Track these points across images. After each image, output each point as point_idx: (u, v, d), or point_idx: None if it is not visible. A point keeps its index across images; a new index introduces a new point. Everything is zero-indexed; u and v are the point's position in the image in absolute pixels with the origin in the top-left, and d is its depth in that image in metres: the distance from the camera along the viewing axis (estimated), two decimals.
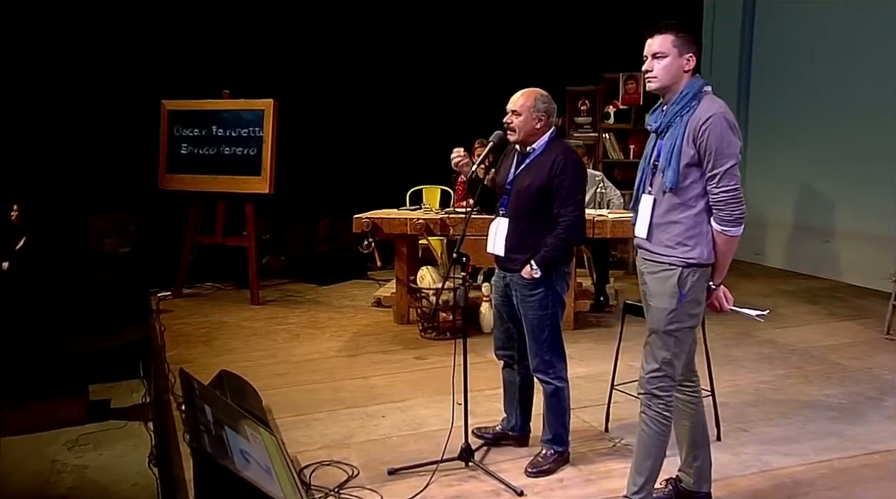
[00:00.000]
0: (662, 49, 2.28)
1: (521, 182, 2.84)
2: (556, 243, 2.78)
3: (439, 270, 5.44)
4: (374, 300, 5.79)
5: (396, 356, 4.48)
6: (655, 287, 2.38)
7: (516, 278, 2.86)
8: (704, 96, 2.29)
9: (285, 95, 5.89)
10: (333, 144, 6.96)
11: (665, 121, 2.33)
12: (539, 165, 2.81)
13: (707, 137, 2.20)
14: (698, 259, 2.31)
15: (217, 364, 4.19)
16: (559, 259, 2.83)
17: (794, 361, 4.31)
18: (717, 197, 2.24)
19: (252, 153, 5.82)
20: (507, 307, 2.98)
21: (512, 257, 2.87)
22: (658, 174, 2.34)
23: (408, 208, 5.46)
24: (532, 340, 2.88)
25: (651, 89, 2.34)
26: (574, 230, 2.79)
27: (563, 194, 2.76)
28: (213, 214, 6.01)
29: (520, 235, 2.84)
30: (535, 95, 2.83)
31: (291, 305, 5.88)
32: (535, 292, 2.82)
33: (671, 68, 2.28)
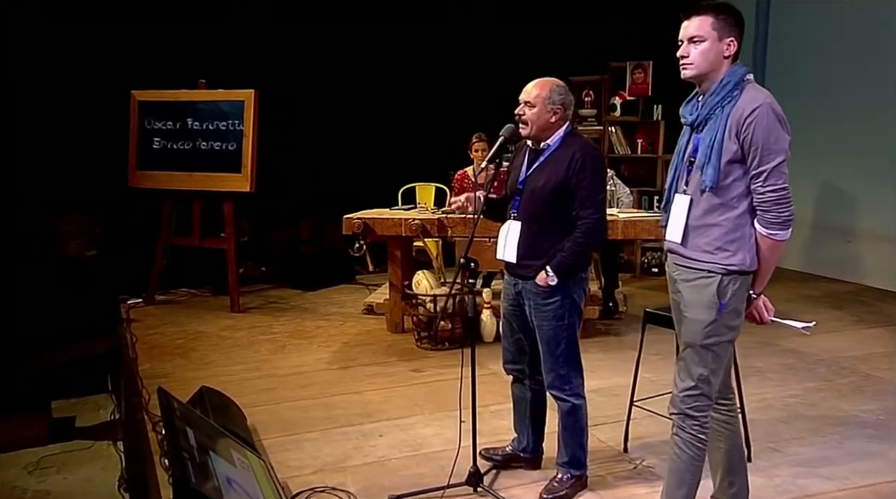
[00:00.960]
0: (700, 32, 2.19)
1: (534, 181, 2.76)
2: (575, 248, 2.69)
3: (435, 273, 5.36)
4: (364, 307, 5.72)
5: (392, 369, 4.41)
6: (691, 297, 2.29)
7: (529, 286, 2.78)
8: (747, 85, 2.20)
9: (266, 86, 5.81)
10: (318, 138, 6.92)
11: (703, 113, 2.24)
12: (554, 162, 2.73)
13: (752, 130, 2.12)
14: (740, 266, 2.23)
15: (195, 379, 4.11)
16: (577, 265, 2.75)
17: (823, 373, 4.25)
18: (763, 197, 2.15)
19: (231, 148, 5.72)
20: (519, 317, 2.90)
21: (525, 263, 2.78)
22: (695, 172, 2.26)
23: (401, 208, 5.41)
24: (547, 353, 2.80)
25: (686, 77, 2.25)
26: (594, 234, 2.71)
27: (582, 195, 2.67)
28: (189, 214, 5.93)
29: (533, 239, 2.76)
30: (551, 85, 2.75)
31: (275, 313, 5.81)
32: (551, 301, 2.74)
33: (709, 54, 2.19)
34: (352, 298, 6.22)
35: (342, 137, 6.99)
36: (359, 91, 6.98)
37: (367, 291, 6.30)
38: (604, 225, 2.75)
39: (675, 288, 2.38)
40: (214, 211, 5.86)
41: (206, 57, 6.20)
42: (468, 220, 4.78)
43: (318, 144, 6.90)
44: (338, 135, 6.98)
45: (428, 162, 6.50)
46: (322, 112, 6.93)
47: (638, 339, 3.08)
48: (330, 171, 6.90)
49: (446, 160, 5.93)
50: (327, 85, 6.89)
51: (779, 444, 3.31)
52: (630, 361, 4.34)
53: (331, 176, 6.87)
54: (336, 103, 6.94)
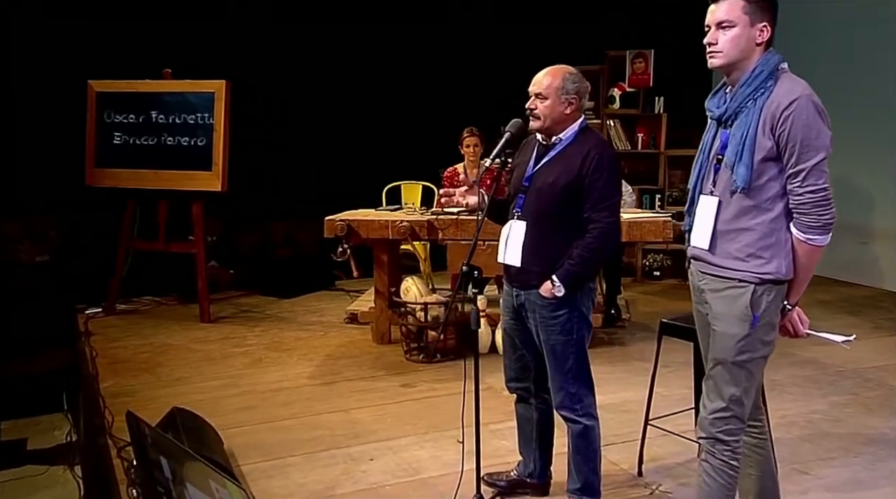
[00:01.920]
0: (730, 17, 2.13)
1: (543, 178, 2.69)
2: (585, 255, 2.62)
3: (424, 279, 5.29)
4: (346, 316, 5.68)
5: (380, 384, 4.36)
6: (721, 308, 2.23)
7: (533, 297, 2.71)
8: (782, 75, 2.15)
9: (237, 76, 5.74)
10: (293, 132, 6.86)
11: (733, 106, 2.18)
12: (566, 158, 2.67)
13: (790, 125, 2.06)
14: (775, 274, 2.17)
15: (164, 397, 4.04)
16: (587, 274, 2.68)
17: (847, 387, 4.23)
18: (800, 199, 2.10)
19: (200, 144, 5.65)
20: (522, 331, 2.83)
21: (529, 270, 2.71)
22: (724, 171, 2.20)
23: (386, 208, 5.37)
24: (555, 370, 2.74)
25: (714, 66, 2.19)
26: (608, 240, 2.65)
27: (595, 196, 2.61)
28: (153, 215, 5.84)
29: (539, 242, 2.69)
30: (564, 74, 2.69)
31: (249, 323, 5.74)
32: (558, 314, 2.68)
33: (740, 41, 2.14)
34: (332, 306, 6.17)
35: (320, 131, 6.93)
36: (339, 83, 6.92)
37: (349, 299, 6.26)
38: (618, 230, 2.70)
39: (702, 299, 2.33)
40: (181, 212, 5.77)
41: (172, 44, 6.09)
42: (460, 221, 4.76)
43: (294, 138, 6.84)
44: (316, 129, 6.92)
45: (414, 159, 6.46)
46: (298, 105, 6.87)
47: (645, 349, 3.02)
48: (306, 168, 6.85)
49: (434, 157, 5.90)
50: (304, 76, 6.82)
51: (805, 466, 3.26)
52: (638, 374, 4.35)
53: (307, 174, 6.83)
54: (314, 96, 6.88)
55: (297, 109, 6.84)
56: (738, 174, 2.14)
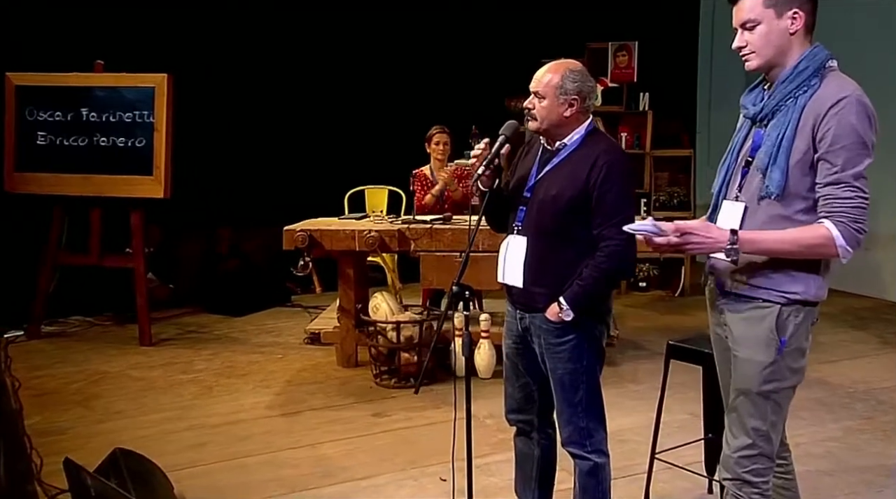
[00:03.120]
0: (752, 15, 2.11)
1: (546, 189, 2.62)
2: (596, 276, 2.55)
3: (393, 294, 5.24)
4: (307, 336, 5.61)
5: (349, 413, 4.28)
6: (744, 331, 2.19)
7: (539, 321, 2.64)
8: (829, 73, 2.12)
9: (177, 68, 5.61)
10: (241, 131, 6.80)
11: (771, 104, 2.14)
12: (572, 167, 2.60)
13: (834, 125, 2.02)
14: (803, 294, 2.13)
15: (101, 435, 3.91)
16: (599, 297, 2.62)
17: (860, 410, 4.25)
18: (836, 207, 2.05)
19: (139, 145, 5.52)
20: (526, 358, 2.76)
21: (533, 291, 2.63)
22: (753, 174, 2.16)
23: (351, 216, 5.31)
24: (563, 402, 2.67)
25: (752, 69, 2.16)
26: (622, 259, 2.58)
27: (606, 211, 2.53)
28: (85, 225, 5.68)
29: (542, 259, 2.61)
30: (564, 71, 2.60)
31: (196, 346, 5.63)
32: (566, 340, 2.61)
33: (771, 36, 2.11)
34: (290, 325, 6.08)
35: (273, 129, 6.87)
36: (293, 77, 6.87)
37: (308, 316, 6.21)
38: (633, 248, 2.61)
39: (721, 320, 2.28)
40: (117, 221, 5.64)
41: (105, 32, 5.95)
42: (435, 231, 4.72)
43: (242, 137, 6.78)
44: (267, 127, 6.86)
45: (378, 160, 6.45)
46: (248, 100, 6.78)
47: (638, 369, 2.95)
48: (256, 169, 6.81)
49: (400, 158, 5.88)
50: (255, 69, 6.75)
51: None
52: (633, 398, 4.30)
53: (257, 176, 6.79)
54: (266, 90, 6.81)
55: (246, 105, 6.77)
56: (770, 179, 2.10)
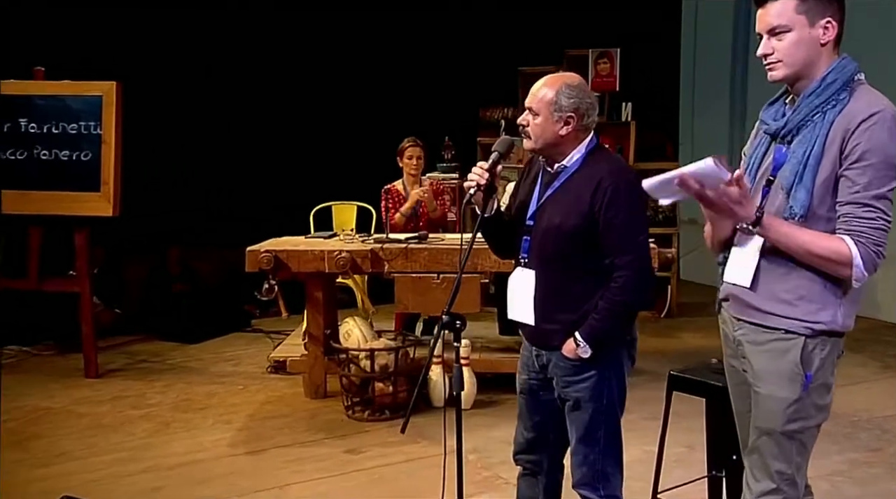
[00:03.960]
0: (782, 21, 2.08)
1: (549, 216, 2.59)
2: (612, 309, 2.53)
3: (363, 317, 5.23)
4: (270, 364, 5.54)
5: (319, 450, 4.21)
6: (766, 365, 2.16)
7: (556, 359, 2.62)
8: (858, 87, 2.10)
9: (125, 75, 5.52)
10: (192, 142, 6.74)
11: (796, 118, 2.12)
12: (574, 191, 2.56)
13: (865, 140, 2.01)
14: (829, 324, 2.11)
15: (42, 481, 3.82)
16: (616, 329, 2.59)
17: (865, 440, 4.26)
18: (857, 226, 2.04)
19: (85, 159, 5.41)
20: (545, 394, 2.72)
21: (546, 329, 2.62)
22: (775, 194, 2.14)
23: (318, 235, 5.26)
24: (580, 443, 2.64)
25: (775, 79, 2.14)
26: (636, 289, 2.54)
27: (616, 238, 2.51)
28: (23, 245, 5.53)
29: (553, 294, 2.59)
30: (560, 85, 2.55)
31: (148, 377, 5.51)
32: (585, 377, 2.59)
33: (801, 45, 2.08)
34: (250, 353, 6.00)
35: (229, 140, 6.83)
36: (251, 84, 6.83)
37: (270, 342, 6.12)
38: (649, 275, 2.62)
39: (738, 352, 2.26)
40: (57, 241, 5.52)
41: (46, 35, 5.87)
42: (410, 251, 4.69)
43: (195, 149, 6.72)
44: (223, 138, 6.82)
45: (345, 174, 6.44)
46: (202, 109, 6.73)
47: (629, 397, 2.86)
48: (210, 184, 6.75)
49: (369, 172, 5.86)
50: (211, 75, 6.71)
51: None
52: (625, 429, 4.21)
53: (211, 191, 6.73)
54: (222, 99, 6.77)
55: (198, 114, 6.72)
56: (795, 199, 2.08)
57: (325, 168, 6.63)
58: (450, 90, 7.00)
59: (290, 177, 6.69)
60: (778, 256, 2.13)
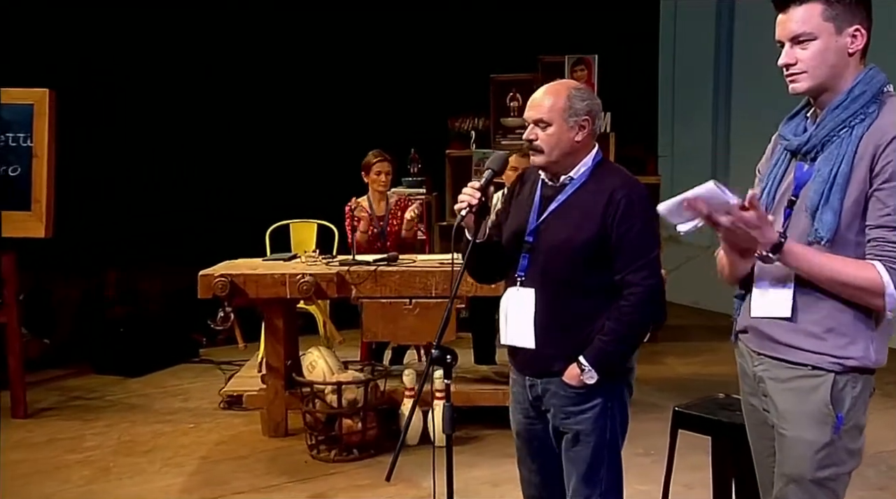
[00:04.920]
0: (807, 28, 2.05)
1: (553, 233, 2.58)
2: (621, 330, 2.53)
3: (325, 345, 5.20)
4: (223, 399, 5.47)
5: (281, 495, 4.16)
6: (792, 405, 2.12)
7: (555, 387, 2.60)
8: (888, 99, 2.08)
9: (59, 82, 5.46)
10: (131, 153, 6.69)
11: (820, 134, 2.09)
12: (583, 205, 2.56)
13: (894, 160, 1.99)
14: (861, 360, 2.08)
15: None
16: (626, 354, 2.61)
17: (872, 478, 4.26)
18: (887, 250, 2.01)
19: (13, 173, 5.32)
20: (542, 432, 2.70)
21: (546, 353, 2.59)
22: (798, 216, 2.12)
23: (277, 257, 5.20)
24: (581, 481, 2.61)
25: (798, 91, 2.11)
26: (649, 308, 2.54)
27: (628, 253, 2.52)
28: None
29: (556, 314, 2.58)
30: (569, 91, 2.58)
31: (86, 416, 5.38)
32: (589, 407, 2.57)
33: (827, 55, 2.06)
34: (200, 386, 5.92)
35: (173, 154, 6.77)
36: (198, 92, 6.78)
37: (222, 374, 6.05)
38: (661, 293, 2.61)
39: (759, 389, 2.22)
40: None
41: None
42: (380, 274, 4.65)
43: (133, 162, 6.68)
44: (166, 152, 6.76)
45: (304, 190, 6.42)
46: (142, 118, 6.70)
47: None
48: (153, 200, 6.70)
49: (330, 186, 5.84)
50: (154, 80, 6.66)
51: None
52: None
53: (154, 207, 6.68)
54: (166, 105, 6.72)
55: (139, 124, 6.69)
56: (821, 222, 2.05)
57: (281, 183, 6.62)
58: (416, 98, 7.00)
59: (242, 192, 6.67)
60: (803, 284, 2.09)
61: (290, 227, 6.07)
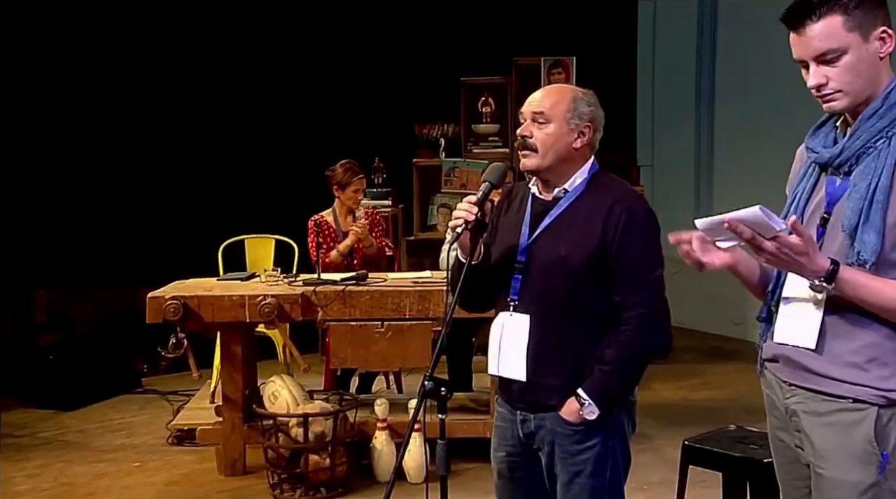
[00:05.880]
0: (833, 43, 2.02)
1: (550, 249, 2.54)
2: (623, 357, 2.49)
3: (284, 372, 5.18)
4: (172, 434, 5.38)
5: None
6: (831, 442, 2.07)
7: (550, 423, 2.55)
8: None
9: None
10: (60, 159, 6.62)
11: (854, 145, 2.06)
12: (580, 219, 2.53)
13: None
14: None
15: None
16: (628, 384, 2.58)
17: None
18: None
19: None
20: (529, 474, 2.65)
21: (542, 385, 2.54)
22: (834, 236, 2.08)
23: (234, 276, 5.14)
24: None
25: (838, 110, 2.09)
26: (653, 333, 2.51)
27: (629, 270, 2.50)
28: None
29: (554, 342, 2.54)
30: (575, 93, 2.58)
31: (16, 456, 5.26)
32: (589, 446, 2.53)
33: (861, 66, 2.03)
34: (144, 419, 5.82)
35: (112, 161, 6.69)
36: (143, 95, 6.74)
37: (169, 406, 5.95)
38: (667, 316, 2.57)
39: (791, 424, 2.17)
40: None
41: None
42: (348, 294, 4.59)
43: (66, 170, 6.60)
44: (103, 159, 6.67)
45: (260, 202, 6.42)
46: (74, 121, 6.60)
47: None
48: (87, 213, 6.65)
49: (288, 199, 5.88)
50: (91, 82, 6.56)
51: None
52: None
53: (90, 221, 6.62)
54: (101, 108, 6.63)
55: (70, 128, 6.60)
56: (863, 243, 2.01)
57: (234, 194, 6.61)
58: (381, 103, 7.00)
59: (190, 203, 6.61)
60: (841, 309, 2.06)
61: (246, 243, 6.00)
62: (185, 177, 6.75)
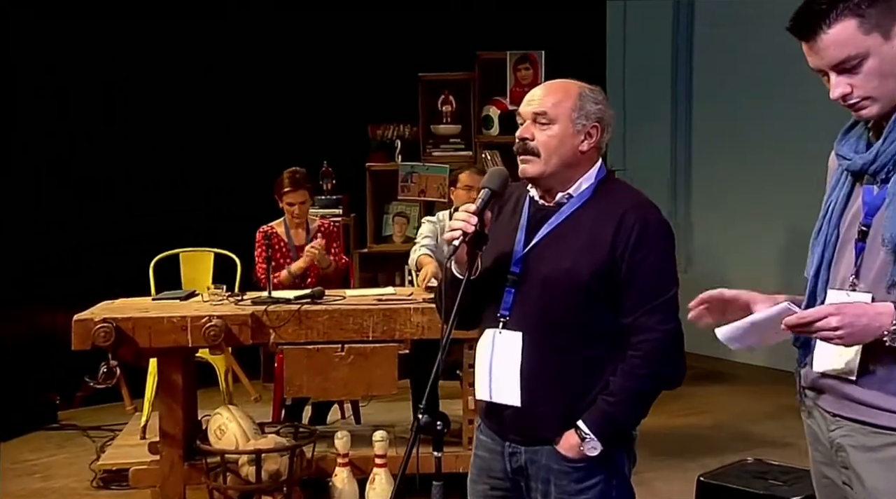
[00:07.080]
0: (852, 50, 2.02)
1: (550, 261, 2.52)
2: (631, 387, 2.47)
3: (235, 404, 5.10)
4: (98, 475, 5.30)
5: None
6: (884, 480, 2.05)
7: (546, 458, 2.52)
8: None
9: None
10: None
11: (890, 150, 2.05)
12: (587, 227, 2.52)
13: None
14: None
15: None
16: (635, 418, 2.55)
17: None
18: None
19: None
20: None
21: (536, 414, 2.51)
22: (872, 250, 2.07)
23: (171, 295, 5.04)
24: None
25: (870, 117, 2.07)
26: (665, 361, 2.50)
27: (640, 288, 2.47)
28: None
29: (552, 365, 2.51)
30: (581, 89, 2.54)
31: None
32: (590, 485, 2.51)
33: (885, 67, 2.02)
34: (64, 459, 5.72)
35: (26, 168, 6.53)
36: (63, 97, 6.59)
37: (91, 443, 5.86)
38: (679, 345, 2.53)
39: (837, 459, 2.16)
40: None
41: None
42: (304, 314, 4.53)
43: None
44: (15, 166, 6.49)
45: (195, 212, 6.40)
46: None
47: None
48: None
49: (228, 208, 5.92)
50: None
51: None
52: None
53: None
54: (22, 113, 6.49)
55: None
56: None
57: (167, 203, 6.54)
58: (330, 102, 6.99)
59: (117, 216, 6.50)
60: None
61: (180, 257, 5.91)
62: (109, 184, 6.65)
